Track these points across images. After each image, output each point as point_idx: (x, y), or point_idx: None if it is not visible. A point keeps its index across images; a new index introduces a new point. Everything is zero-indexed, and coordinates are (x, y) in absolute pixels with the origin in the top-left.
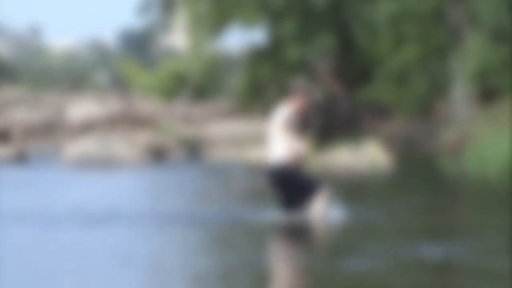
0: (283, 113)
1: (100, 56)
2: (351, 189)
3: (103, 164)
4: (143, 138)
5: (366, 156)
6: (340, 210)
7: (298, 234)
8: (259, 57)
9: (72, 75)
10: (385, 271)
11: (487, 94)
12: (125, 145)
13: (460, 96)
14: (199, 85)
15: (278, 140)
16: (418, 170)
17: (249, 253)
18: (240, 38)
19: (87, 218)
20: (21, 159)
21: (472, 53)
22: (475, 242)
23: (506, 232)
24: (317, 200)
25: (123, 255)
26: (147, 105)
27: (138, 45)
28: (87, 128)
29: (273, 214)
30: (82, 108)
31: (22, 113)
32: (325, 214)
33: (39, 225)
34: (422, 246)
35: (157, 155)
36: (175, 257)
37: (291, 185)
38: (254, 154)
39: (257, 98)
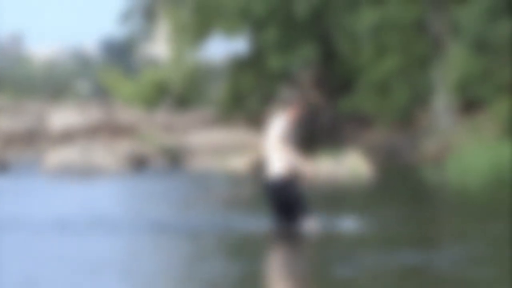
0: (278, 126)
1: (81, 64)
2: (333, 199)
3: (84, 172)
4: (124, 147)
5: (348, 166)
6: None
7: (282, 243)
8: (241, 66)
9: (54, 84)
10: (370, 278)
11: (469, 104)
12: (106, 154)
13: (441, 106)
14: (181, 94)
15: (275, 153)
16: (399, 180)
17: (230, 261)
18: (222, 47)
19: (67, 226)
20: (1, 167)
21: (453, 63)
22: (456, 250)
23: (487, 240)
24: (309, 217)
25: (103, 263)
26: (129, 113)
27: (120, 53)
28: (68, 136)
29: (257, 223)
30: (63, 117)
31: (3, 121)
32: (316, 227)
33: (19, 233)
34: (404, 254)
35: (138, 164)
36: (154, 264)
37: (287, 198)
38: (235, 163)
39: (239, 107)
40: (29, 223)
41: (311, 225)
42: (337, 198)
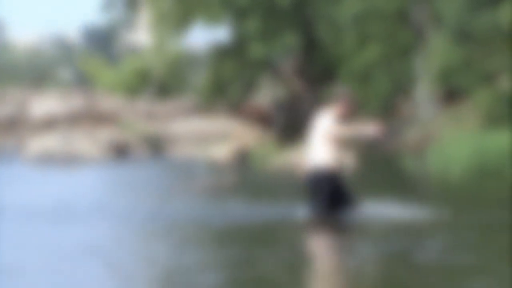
0: (326, 120)
1: (63, 52)
2: None
3: (66, 160)
4: (105, 135)
5: None
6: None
7: (260, 232)
8: (223, 55)
9: (36, 71)
10: (357, 265)
11: (451, 94)
12: (88, 142)
13: (423, 96)
14: (163, 82)
15: (321, 147)
16: (381, 168)
17: (211, 249)
18: (204, 36)
19: (48, 213)
20: None
21: (435, 53)
22: (439, 238)
23: (469, 228)
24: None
25: (82, 251)
26: (110, 101)
27: (102, 41)
28: (49, 124)
29: (236, 212)
30: (45, 104)
31: None
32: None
33: (0, 220)
34: (389, 242)
35: (120, 152)
36: (135, 252)
37: (332, 188)
38: (217, 151)
39: (220, 96)
40: (9, 211)
41: (354, 214)
42: None
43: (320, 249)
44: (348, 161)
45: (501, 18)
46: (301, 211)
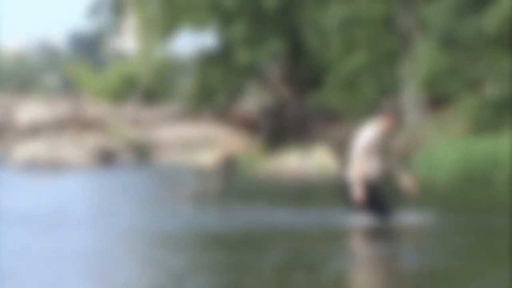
0: (370, 133)
1: (49, 58)
2: (300, 193)
3: (52, 166)
4: (92, 141)
5: (315, 160)
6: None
7: (246, 240)
8: (209, 61)
9: (22, 77)
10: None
11: (436, 100)
12: (74, 148)
13: (409, 102)
14: (149, 88)
15: (361, 158)
16: None
17: (198, 254)
18: (191, 42)
19: (34, 220)
20: None
21: (421, 59)
22: (425, 243)
23: (456, 233)
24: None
25: (70, 257)
26: (97, 108)
27: (88, 47)
28: (36, 130)
29: (222, 218)
30: (31, 111)
31: None
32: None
33: None
34: (375, 247)
35: (106, 158)
36: (122, 257)
37: (371, 200)
38: (203, 158)
39: (207, 102)
40: None
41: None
42: (304, 192)
43: (308, 254)
44: (334, 167)
45: (486, 24)
46: (344, 219)
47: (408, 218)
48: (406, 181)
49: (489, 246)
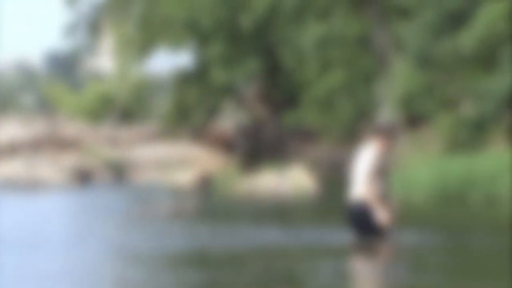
0: (369, 154)
1: (26, 77)
2: (278, 212)
3: (28, 186)
4: (69, 161)
5: (291, 179)
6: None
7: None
8: (186, 80)
9: None
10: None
11: (413, 119)
12: (51, 168)
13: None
14: (126, 107)
15: (361, 179)
16: (342, 193)
17: (174, 274)
18: (167, 61)
19: (13, 240)
20: None
21: (398, 79)
22: (403, 262)
23: (433, 252)
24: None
25: (49, 277)
26: (73, 127)
27: (65, 67)
28: (12, 149)
29: (198, 237)
30: (7, 130)
31: None
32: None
33: None
34: (355, 265)
35: (83, 178)
36: (99, 277)
37: (366, 222)
38: (180, 177)
39: (183, 121)
40: None
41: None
42: (281, 211)
43: (290, 272)
44: (310, 186)
45: (462, 44)
46: (344, 237)
47: (388, 237)
48: (385, 211)
49: (467, 265)
